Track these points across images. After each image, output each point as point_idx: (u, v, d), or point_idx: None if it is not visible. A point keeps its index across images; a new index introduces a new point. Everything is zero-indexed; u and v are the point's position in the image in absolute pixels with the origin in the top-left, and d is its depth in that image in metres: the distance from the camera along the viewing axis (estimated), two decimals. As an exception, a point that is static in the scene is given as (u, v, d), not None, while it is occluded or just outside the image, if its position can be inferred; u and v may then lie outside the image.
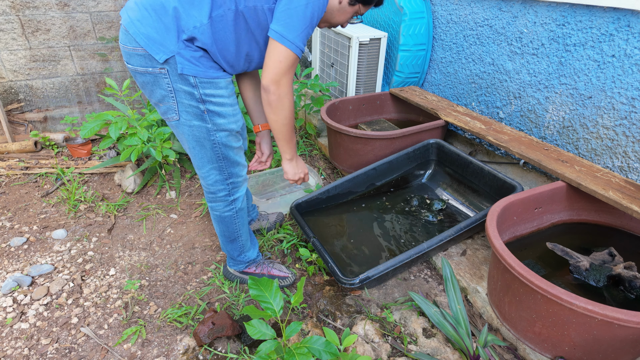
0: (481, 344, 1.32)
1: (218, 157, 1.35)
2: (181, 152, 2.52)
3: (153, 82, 1.23)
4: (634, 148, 1.77)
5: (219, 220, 1.53)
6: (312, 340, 1.20)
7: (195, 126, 1.29)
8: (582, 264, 1.53)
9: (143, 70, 1.22)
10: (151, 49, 1.16)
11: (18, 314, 1.60)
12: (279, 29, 1.13)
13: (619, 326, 1.14)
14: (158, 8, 1.14)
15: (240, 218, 1.54)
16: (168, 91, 1.23)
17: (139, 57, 1.20)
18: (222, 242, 1.62)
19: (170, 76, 1.20)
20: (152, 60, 1.18)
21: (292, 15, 1.12)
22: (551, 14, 1.98)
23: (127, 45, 1.20)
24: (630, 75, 1.73)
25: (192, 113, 1.26)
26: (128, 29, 1.18)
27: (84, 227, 2.08)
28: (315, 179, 2.32)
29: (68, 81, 2.92)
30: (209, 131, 1.30)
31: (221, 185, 1.43)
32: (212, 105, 1.26)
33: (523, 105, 2.24)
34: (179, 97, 1.24)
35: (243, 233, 1.60)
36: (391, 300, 1.69)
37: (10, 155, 2.65)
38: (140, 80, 1.26)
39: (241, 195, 1.50)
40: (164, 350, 1.47)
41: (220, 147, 1.34)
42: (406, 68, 2.75)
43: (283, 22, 1.12)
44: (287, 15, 1.12)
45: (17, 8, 2.58)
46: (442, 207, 2.09)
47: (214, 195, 1.47)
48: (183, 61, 1.18)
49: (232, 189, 1.46)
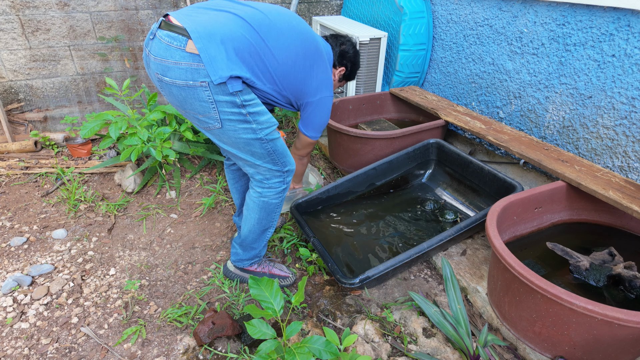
0: (481, 343, 1.32)
1: (269, 151, 1.42)
2: (181, 152, 2.52)
3: (192, 95, 1.26)
4: (634, 148, 1.77)
5: (262, 207, 1.54)
6: (312, 340, 1.20)
7: (240, 129, 1.34)
8: (582, 264, 1.53)
9: (183, 84, 1.24)
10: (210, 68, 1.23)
11: (18, 314, 1.60)
12: (311, 133, 1.62)
13: (619, 326, 1.14)
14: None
15: (280, 208, 1.59)
16: (209, 102, 1.27)
17: (180, 70, 1.22)
18: (253, 231, 1.60)
19: (211, 88, 1.24)
20: (196, 74, 1.22)
21: (317, 122, 1.59)
22: (551, 13, 1.98)
23: (169, 59, 1.23)
24: (631, 75, 1.72)
25: (235, 120, 1.32)
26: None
27: (84, 227, 2.08)
28: (316, 178, 2.32)
29: (68, 81, 2.92)
30: (255, 131, 1.36)
31: (277, 174, 1.49)
32: (251, 108, 1.32)
33: (523, 105, 2.24)
34: (221, 107, 1.28)
35: (275, 224, 1.64)
36: (391, 300, 1.69)
37: (10, 155, 2.65)
38: (176, 92, 1.28)
39: (290, 183, 1.57)
40: (164, 350, 1.47)
41: (268, 143, 1.40)
42: (406, 68, 2.75)
43: (311, 127, 1.60)
44: (317, 124, 1.59)
45: (17, 8, 2.58)
46: (455, 219, 2.08)
47: (268, 183, 1.50)
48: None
49: (287, 176, 1.52)
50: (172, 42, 1.21)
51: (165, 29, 1.24)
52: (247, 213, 1.58)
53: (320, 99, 1.52)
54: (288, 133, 3.04)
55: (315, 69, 1.47)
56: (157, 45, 1.25)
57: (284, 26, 1.37)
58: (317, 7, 3.33)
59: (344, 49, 1.70)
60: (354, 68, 1.79)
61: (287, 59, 1.37)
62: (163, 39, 1.23)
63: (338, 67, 1.73)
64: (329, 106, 1.58)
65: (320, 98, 1.52)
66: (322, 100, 1.53)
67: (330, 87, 1.55)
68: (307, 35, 1.44)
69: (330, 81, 1.55)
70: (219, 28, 1.23)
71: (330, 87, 1.55)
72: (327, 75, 1.53)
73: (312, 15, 3.34)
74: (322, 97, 1.52)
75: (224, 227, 2.12)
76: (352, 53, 1.74)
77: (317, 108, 1.54)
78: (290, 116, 3.16)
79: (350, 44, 1.73)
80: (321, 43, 1.54)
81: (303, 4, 3.27)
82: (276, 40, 1.33)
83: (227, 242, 2.02)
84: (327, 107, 1.57)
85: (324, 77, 1.51)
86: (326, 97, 1.54)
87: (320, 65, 1.49)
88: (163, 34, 1.23)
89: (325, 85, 1.52)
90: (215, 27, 1.23)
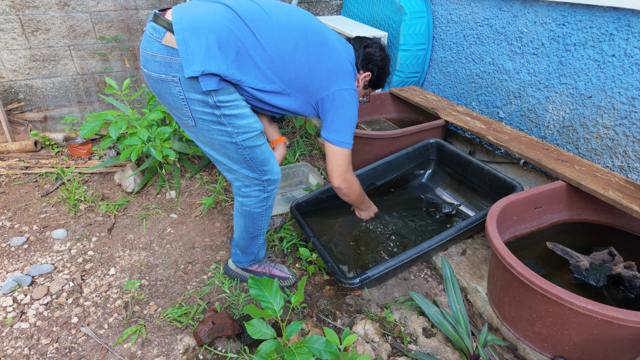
0: (481, 343, 1.32)
1: (245, 158, 1.34)
2: (181, 152, 2.52)
3: (165, 89, 1.24)
4: (634, 148, 1.77)
5: (246, 216, 1.49)
6: (312, 340, 1.20)
7: (215, 130, 1.27)
8: (582, 264, 1.53)
9: (156, 77, 1.22)
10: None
11: (18, 314, 1.60)
12: (335, 137, 1.36)
13: (619, 326, 1.14)
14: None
15: (267, 215, 1.53)
16: (180, 99, 1.23)
17: (155, 62, 1.20)
18: (242, 238, 1.58)
19: (182, 84, 1.19)
20: (168, 68, 1.19)
21: (339, 121, 1.35)
22: (551, 13, 1.98)
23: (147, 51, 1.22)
24: (631, 75, 1.72)
25: (208, 120, 1.26)
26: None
27: (84, 227, 2.08)
28: (316, 178, 2.32)
29: (68, 81, 2.92)
30: (230, 134, 1.28)
31: (256, 182, 1.41)
32: (228, 110, 1.24)
33: (523, 104, 2.24)
34: (192, 105, 1.23)
35: (265, 231, 1.59)
36: (391, 299, 1.69)
37: (10, 154, 2.65)
38: (153, 85, 1.27)
39: (274, 192, 1.48)
40: (164, 349, 1.47)
41: (244, 149, 1.32)
42: (406, 67, 2.75)
43: (336, 130, 1.35)
44: (339, 124, 1.35)
45: (17, 7, 2.58)
46: (451, 212, 2.08)
47: (247, 191, 1.43)
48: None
49: (267, 185, 1.43)
50: (153, 34, 1.20)
51: (154, 21, 1.22)
52: (235, 220, 1.56)
53: (335, 92, 1.33)
54: (288, 133, 3.04)
55: (322, 61, 1.31)
56: (144, 37, 1.25)
57: (281, 19, 1.26)
58: (317, 7, 3.33)
59: (369, 52, 1.49)
60: (382, 74, 1.55)
61: (283, 52, 1.25)
62: (148, 30, 1.22)
63: (362, 72, 1.51)
64: (350, 101, 1.36)
65: (336, 91, 1.33)
66: (338, 93, 1.34)
67: (349, 80, 1.37)
68: (310, 26, 1.31)
69: (346, 73, 1.37)
70: (205, 20, 1.16)
71: (347, 79, 1.37)
72: (339, 66, 1.35)
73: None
74: (338, 89, 1.34)
75: (224, 227, 2.12)
76: (380, 57, 1.51)
77: (334, 103, 1.34)
78: (291, 116, 3.16)
79: (377, 46, 1.52)
80: (331, 35, 1.38)
81: (303, 4, 3.27)
82: (269, 34, 1.23)
83: (227, 242, 2.02)
84: (348, 101, 1.35)
85: (335, 67, 1.34)
86: (344, 90, 1.34)
87: (329, 55, 1.33)
88: (149, 26, 1.23)
89: (338, 76, 1.34)
90: (201, 19, 1.16)
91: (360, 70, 1.50)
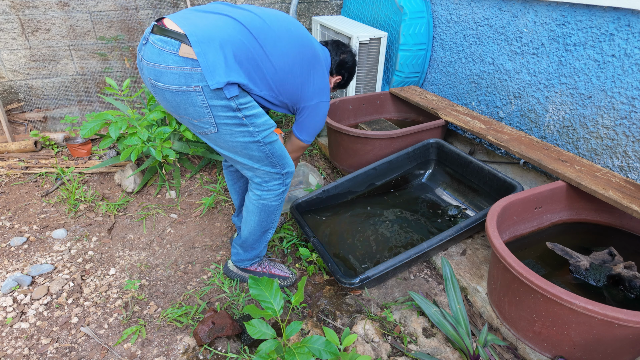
0: (481, 343, 1.32)
1: (267, 154, 1.41)
2: (181, 152, 2.52)
3: (186, 100, 1.25)
4: (634, 147, 1.77)
5: (262, 210, 1.54)
6: (312, 340, 1.20)
7: (237, 132, 1.33)
8: (582, 264, 1.53)
9: (176, 89, 1.23)
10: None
11: (18, 314, 1.60)
12: (306, 137, 1.59)
13: (619, 326, 1.14)
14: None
15: (280, 209, 1.59)
16: (203, 107, 1.26)
17: (173, 75, 1.21)
18: (253, 233, 1.60)
19: (205, 93, 1.22)
20: (189, 79, 1.20)
21: (312, 127, 1.57)
22: (551, 13, 1.98)
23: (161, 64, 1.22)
24: (630, 75, 1.72)
25: (231, 124, 1.31)
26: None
27: (84, 227, 2.08)
28: (316, 178, 2.31)
29: (68, 81, 2.92)
30: (252, 134, 1.34)
31: (276, 177, 1.48)
32: (247, 111, 1.31)
33: (523, 104, 2.24)
34: (215, 112, 1.27)
35: (276, 225, 1.64)
36: (391, 299, 1.69)
37: (10, 154, 2.65)
38: (170, 98, 1.27)
39: (289, 185, 1.57)
40: (164, 349, 1.48)
41: (265, 146, 1.39)
42: (406, 68, 2.75)
43: (306, 131, 1.57)
44: (312, 128, 1.57)
45: (17, 7, 2.57)
46: (457, 214, 2.08)
47: (268, 186, 1.49)
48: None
49: (286, 178, 1.51)
50: (165, 47, 1.19)
51: (158, 33, 1.22)
52: (246, 215, 1.57)
53: (317, 104, 1.52)
54: (287, 133, 3.05)
55: (312, 75, 1.46)
56: (149, 50, 1.23)
57: (281, 32, 1.35)
58: (317, 7, 3.32)
59: (344, 59, 1.69)
60: (350, 78, 1.80)
61: (284, 65, 1.35)
62: (156, 43, 1.21)
63: (335, 75, 1.72)
64: (325, 111, 1.58)
65: (317, 103, 1.52)
66: (318, 105, 1.52)
67: (327, 93, 1.55)
68: (305, 41, 1.43)
69: (327, 87, 1.54)
70: (218, 32, 1.21)
71: (327, 92, 1.55)
72: (324, 82, 1.52)
73: (312, 15, 3.34)
74: (319, 102, 1.52)
75: (224, 227, 2.12)
76: (351, 64, 1.74)
77: (312, 112, 1.53)
78: (291, 116, 3.17)
79: (350, 54, 1.72)
80: (319, 49, 1.53)
81: (303, 3, 3.27)
82: (273, 47, 1.32)
83: (227, 242, 2.02)
84: (323, 112, 1.57)
85: (322, 82, 1.51)
86: (323, 102, 1.54)
87: (318, 71, 1.48)
88: (156, 39, 1.21)
89: (322, 91, 1.52)
90: (214, 31, 1.21)
91: (334, 74, 1.71)
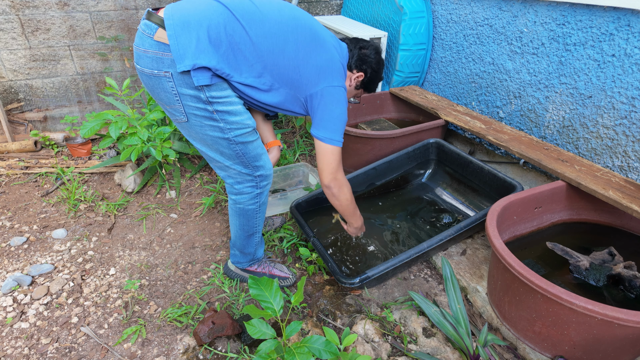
0: (481, 343, 1.32)
1: (237, 153, 1.34)
2: (181, 152, 2.52)
3: (158, 85, 1.24)
4: (634, 147, 1.77)
5: (240, 214, 1.50)
6: (312, 340, 1.20)
7: (207, 126, 1.28)
8: (582, 264, 1.53)
9: (149, 72, 1.23)
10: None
11: (18, 314, 1.60)
12: (324, 134, 1.34)
13: (619, 325, 1.14)
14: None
15: (261, 212, 1.53)
16: (173, 94, 1.24)
17: (147, 58, 1.21)
18: (239, 237, 1.58)
19: (174, 79, 1.20)
20: (160, 63, 1.20)
21: (328, 118, 1.34)
22: (551, 13, 1.98)
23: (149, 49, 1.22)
24: (630, 75, 1.72)
25: (201, 116, 1.26)
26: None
27: (84, 227, 2.08)
28: (316, 178, 2.32)
29: (68, 81, 2.92)
30: (222, 130, 1.29)
31: (248, 178, 1.42)
32: (220, 106, 1.25)
33: (523, 104, 2.24)
34: (185, 100, 1.24)
35: (260, 228, 1.59)
36: (391, 299, 1.69)
37: (10, 154, 2.65)
38: (146, 81, 1.28)
39: (267, 188, 1.49)
40: (164, 349, 1.48)
41: (237, 145, 1.33)
42: (406, 67, 2.75)
43: (326, 127, 1.34)
44: (328, 121, 1.34)
45: (16, 7, 2.57)
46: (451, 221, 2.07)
47: (240, 188, 1.44)
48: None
49: (260, 181, 1.45)
50: (145, 30, 1.21)
51: (146, 18, 1.23)
52: (230, 220, 1.56)
53: (324, 88, 1.33)
54: (288, 133, 3.04)
55: (312, 55, 1.31)
56: (137, 34, 1.25)
57: (271, 12, 1.27)
58: (317, 6, 3.33)
59: (364, 53, 1.49)
60: (375, 77, 1.55)
61: (273, 46, 1.24)
62: (141, 27, 1.23)
63: (355, 71, 1.50)
64: (339, 97, 1.35)
65: (325, 87, 1.33)
66: (327, 89, 1.33)
67: (338, 77, 1.37)
68: (301, 21, 1.31)
69: (336, 70, 1.36)
70: (196, 16, 1.18)
71: (336, 76, 1.36)
72: (330, 62, 1.35)
73: (312, 15, 3.34)
74: (327, 86, 1.33)
75: (224, 227, 2.12)
76: (375, 59, 1.51)
77: (323, 99, 1.33)
78: (291, 116, 3.16)
79: (373, 48, 1.51)
80: (322, 30, 1.38)
81: (303, 3, 3.27)
82: (259, 28, 1.23)
83: (227, 242, 2.02)
84: (337, 98, 1.34)
85: (326, 63, 1.34)
86: (332, 87, 1.34)
87: (320, 51, 1.33)
88: (142, 24, 1.24)
89: (327, 72, 1.34)
90: (192, 14, 1.18)
91: (354, 69, 1.50)
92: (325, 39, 1.37)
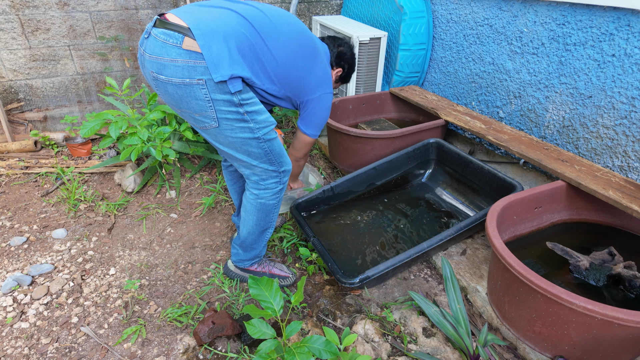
0: (481, 343, 1.32)
1: (266, 151, 1.41)
2: (181, 152, 2.52)
3: (188, 93, 1.25)
4: (634, 147, 1.77)
5: (260, 209, 1.53)
6: (312, 340, 1.20)
7: (238, 128, 1.33)
8: (582, 264, 1.53)
9: (179, 82, 1.23)
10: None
11: (18, 314, 1.60)
12: (311, 131, 1.60)
13: (619, 325, 1.14)
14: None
15: (278, 208, 1.58)
16: (206, 101, 1.26)
17: (177, 67, 1.21)
18: (252, 233, 1.60)
19: (208, 86, 1.22)
20: (193, 72, 1.21)
21: (317, 120, 1.58)
22: (551, 13, 1.98)
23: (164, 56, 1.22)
24: (631, 75, 1.72)
25: (233, 119, 1.31)
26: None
27: (84, 227, 2.08)
28: (316, 178, 2.31)
29: (68, 80, 2.92)
30: (252, 130, 1.34)
31: (273, 174, 1.48)
32: (249, 107, 1.31)
33: (523, 104, 2.24)
34: (218, 106, 1.27)
35: (274, 224, 1.63)
36: (391, 299, 1.69)
37: (10, 154, 2.65)
38: (172, 91, 1.27)
39: (287, 183, 1.56)
40: (164, 349, 1.48)
41: (265, 142, 1.39)
42: (406, 67, 2.75)
43: (311, 125, 1.59)
44: (317, 122, 1.58)
45: (16, 7, 2.57)
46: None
47: (265, 184, 1.49)
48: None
49: (283, 176, 1.51)
50: (168, 40, 1.20)
51: (161, 27, 1.22)
52: (244, 215, 1.57)
53: (320, 96, 1.53)
54: (288, 133, 3.04)
55: (314, 67, 1.47)
56: (152, 43, 1.23)
57: (282, 25, 1.37)
58: (317, 6, 3.32)
59: (341, 51, 1.73)
60: (350, 70, 1.82)
61: (286, 58, 1.37)
62: (158, 36, 1.22)
63: (335, 68, 1.75)
64: (328, 103, 1.58)
65: (320, 95, 1.52)
66: (321, 97, 1.53)
67: (330, 85, 1.56)
68: (305, 34, 1.45)
69: (329, 78, 1.55)
70: (221, 26, 1.23)
71: (329, 84, 1.55)
72: (326, 73, 1.53)
73: (312, 14, 3.34)
74: (322, 94, 1.53)
75: (224, 227, 2.12)
76: (350, 55, 1.76)
77: (317, 105, 1.54)
78: (290, 116, 3.16)
79: (347, 46, 1.75)
80: (318, 42, 1.55)
81: (303, 3, 3.27)
82: (276, 40, 1.33)
83: (227, 242, 2.02)
84: (327, 104, 1.57)
85: (323, 74, 1.52)
86: (326, 94, 1.55)
87: (319, 63, 1.49)
88: (158, 32, 1.22)
89: (324, 82, 1.53)
90: (217, 24, 1.23)
91: (334, 66, 1.75)
92: (319, 48, 1.52)
